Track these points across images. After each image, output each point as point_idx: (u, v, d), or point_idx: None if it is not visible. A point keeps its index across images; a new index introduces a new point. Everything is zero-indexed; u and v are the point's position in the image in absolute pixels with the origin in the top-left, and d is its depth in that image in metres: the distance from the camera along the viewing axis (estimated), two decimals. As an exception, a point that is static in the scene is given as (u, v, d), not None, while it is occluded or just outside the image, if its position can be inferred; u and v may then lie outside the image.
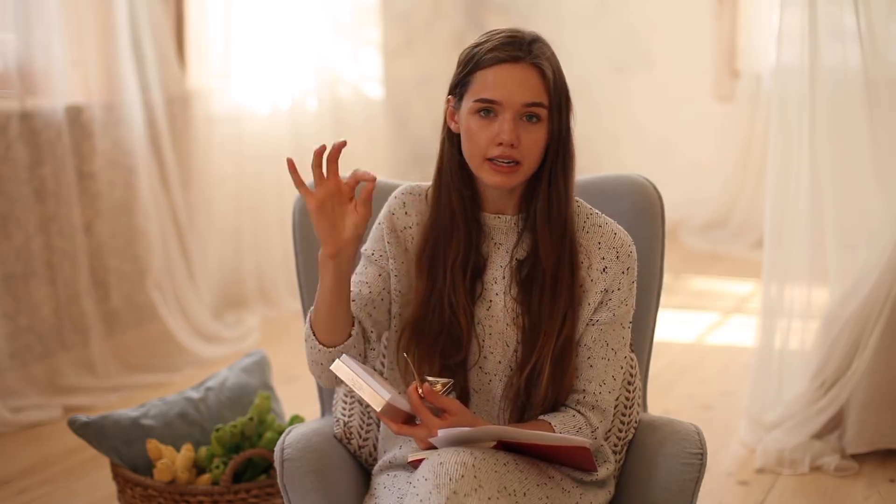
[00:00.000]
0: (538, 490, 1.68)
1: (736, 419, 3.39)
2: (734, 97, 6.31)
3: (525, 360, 1.75)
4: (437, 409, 1.66)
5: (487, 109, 1.69)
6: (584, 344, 1.77)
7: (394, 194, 1.85)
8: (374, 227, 1.86)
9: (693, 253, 6.08)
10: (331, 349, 1.74)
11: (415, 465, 1.70)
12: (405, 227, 1.82)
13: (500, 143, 1.67)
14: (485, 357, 1.78)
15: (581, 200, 1.81)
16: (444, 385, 1.66)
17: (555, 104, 1.70)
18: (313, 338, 1.75)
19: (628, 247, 1.78)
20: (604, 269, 1.76)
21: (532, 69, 1.68)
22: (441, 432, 1.63)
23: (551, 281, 1.73)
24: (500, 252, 1.78)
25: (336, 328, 1.73)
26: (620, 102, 6.71)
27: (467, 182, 1.75)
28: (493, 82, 1.68)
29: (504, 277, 1.77)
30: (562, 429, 1.73)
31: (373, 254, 1.83)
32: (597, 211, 1.82)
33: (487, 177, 1.70)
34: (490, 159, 1.69)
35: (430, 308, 1.76)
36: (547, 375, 1.72)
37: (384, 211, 1.84)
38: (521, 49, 1.69)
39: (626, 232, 1.81)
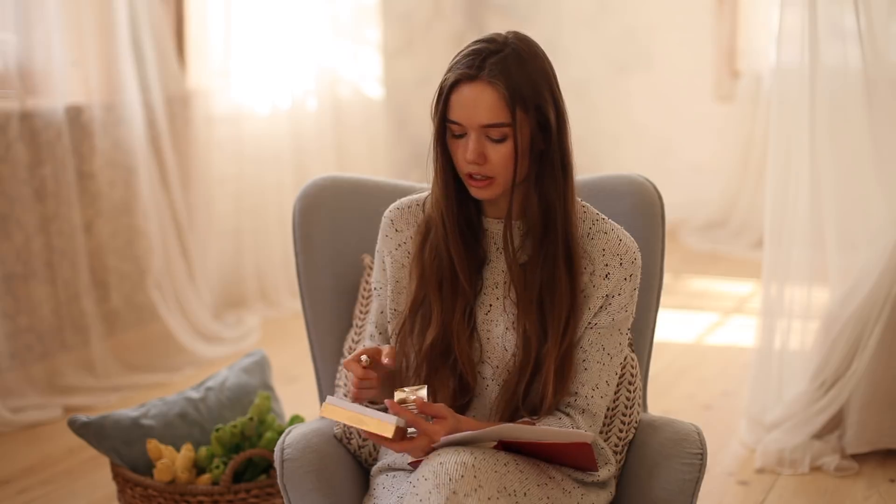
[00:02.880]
0: (538, 490, 1.67)
1: (736, 419, 3.39)
2: (734, 97, 6.31)
3: (524, 365, 1.74)
4: (428, 417, 1.66)
5: (458, 133, 1.69)
6: (581, 347, 1.76)
7: (384, 214, 1.86)
8: (375, 255, 1.88)
9: (693, 253, 6.08)
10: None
11: (415, 465, 1.70)
12: (399, 245, 1.82)
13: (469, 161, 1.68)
14: (482, 361, 1.78)
15: (588, 205, 1.80)
16: (416, 390, 1.65)
17: (518, 118, 1.66)
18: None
19: (632, 254, 1.77)
20: (606, 276, 1.75)
21: (487, 87, 1.65)
22: (442, 439, 1.64)
23: (550, 287, 1.72)
24: (501, 256, 1.78)
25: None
26: (620, 103, 6.71)
27: (454, 203, 1.75)
28: (454, 103, 1.68)
29: (504, 282, 1.77)
30: (539, 423, 1.73)
31: (376, 288, 1.86)
32: (603, 216, 1.80)
33: (470, 191, 1.72)
34: (468, 175, 1.71)
35: (422, 312, 1.76)
36: (552, 382, 1.72)
37: (379, 235, 1.86)
38: (473, 67, 1.66)
39: (632, 239, 1.79)
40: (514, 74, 1.65)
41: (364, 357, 1.67)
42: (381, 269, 1.85)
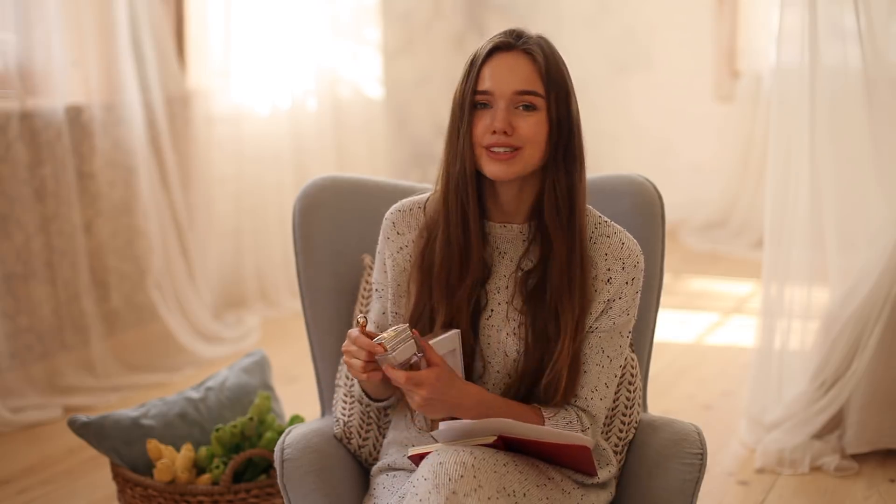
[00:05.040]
0: (538, 491, 1.67)
1: (736, 419, 3.39)
2: (734, 97, 6.31)
3: (526, 371, 1.74)
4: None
5: (484, 103, 1.69)
6: (581, 349, 1.76)
7: (385, 216, 1.85)
8: (377, 256, 1.87)
9: (693, 253, 6.09)
10: (381, 401, 1.86)
11: (414, 459, 1.70)
12: (400, 248, 1.81)
13: (495, 132, 1.67)
14: (482, 366, 1.77)
15: (591, 208, 1.80)
16: (400, 332, 1.64)
17: (551, 93, 1.68)
18: (366, 397, 1.85)
19: (635, 258, 1.77)
20: (608, 280, 1.75)
21: (523, 56, 1.69)
22: (443, 425, 1.64)
23: (560, 290, 1.71)
24: (504, 261, 1.77)
25: (381, 391, 1.83)
26: (620, 103, 6.71)
27: (473, 189, 1.73)
28: (486, 71, 1.69)
29: (507, 287, 1.76)
30: (551, 416, 1.73)
31: (377, 290, 1.86)
32: (606, 219, 1.80)
33: (487, 167, 1.69)
34: (488, 148, 1.68)
35: (424, 317, 1.75)
36: (564, 381, 1.72)
37: (380, 238, 1.85)
38: (512, 37, 1.70)
39: (634, 241, 1.79)
40: (548, 54, 1.70)
41: (361, 316, 1.67)
42: (381, 271, 1.85)
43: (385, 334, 1.63)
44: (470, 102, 1.70)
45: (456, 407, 1.67)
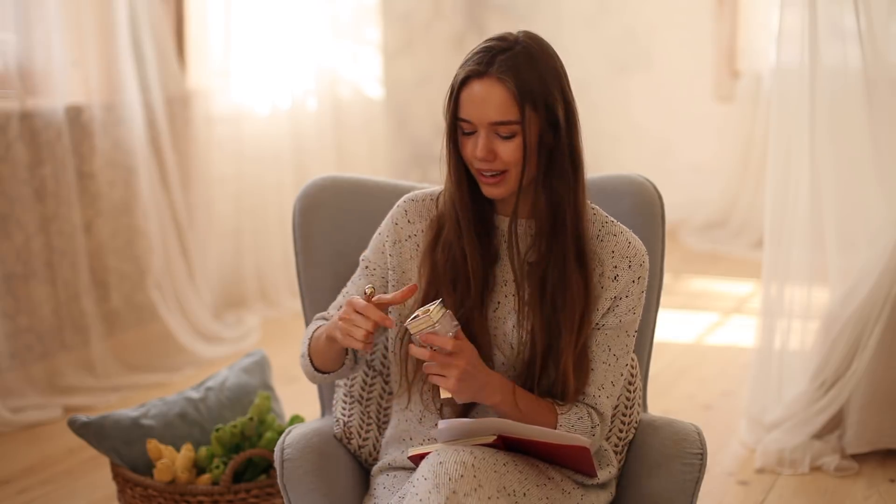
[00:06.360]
0: (538, 491, 1.68)
1: (736, 419, 3.39)
2: (734, 97, 6.31)
3: (530, 363, 1.74)
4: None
5: (467, 131, 1.70)
6: (588, 347, 1.77)
7: (397, 203, 1.86)
8: (375, 237, 1.87)
9: (693, 253, 6.09)
10: (324, 374, 1.83)
11: (414, 459, 1.70)
12: (409, 236, 1.82)
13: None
14: (490, 358, 1.78)
15: (597, 208, 1.81)
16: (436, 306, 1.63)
17: (526, 115, 1.66)
18: (310, 364, 1.83)
19: (641, 257, 1.78)
20: (615, 278, 1.76)
21: (496, 84, 1.66)
22: (442, 423, 1.64)
23: (562, 286, 1.72)
24: (512, 254, 1.78)
25: (331, 363, 1.81)
26: (620, 103, 6.71)
27: (467, 203, 1.75)
28: (464, 100, 1.69)
29: (514, 280, 1.77)
30: (564, 412, 1.74)
31: (368, 266, 1.86)
32: (612, 219, 1.81)
33: (482, 188, 1.73)
34: (478, 171, 1.71)
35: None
36: (572, 379, 1.72)
37: (387, 220, 1.85)
38: (483, 63, 1.67)
39: (640, 242, 1.80)
40: (523, 71, 1.66)
41: (369, 287, 1.65)
42: (378, 251, 1.85)
43: (428, 307, 1.61)
44: (453, 126, 1.71)
45: (485, 385, 1.67)
